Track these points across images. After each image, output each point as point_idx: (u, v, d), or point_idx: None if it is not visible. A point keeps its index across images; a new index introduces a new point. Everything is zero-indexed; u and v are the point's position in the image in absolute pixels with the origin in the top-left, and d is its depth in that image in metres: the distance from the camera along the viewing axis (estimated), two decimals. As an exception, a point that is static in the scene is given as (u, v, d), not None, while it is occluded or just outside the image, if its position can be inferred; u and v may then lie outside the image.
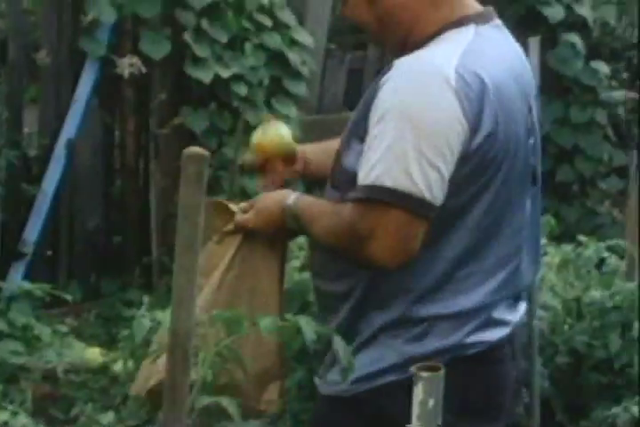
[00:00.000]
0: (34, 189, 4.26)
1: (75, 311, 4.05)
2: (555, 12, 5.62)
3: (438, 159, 1.81)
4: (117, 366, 2.96)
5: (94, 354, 3.26)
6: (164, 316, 1.64)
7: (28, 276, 4.07)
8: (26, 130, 4.54)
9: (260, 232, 2.02)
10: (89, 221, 4.50)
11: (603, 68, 5.70)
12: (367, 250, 1.84)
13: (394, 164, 1.81)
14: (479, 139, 1.83)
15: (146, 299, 3.70)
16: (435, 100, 1.82)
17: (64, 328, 3.52)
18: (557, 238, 3.78)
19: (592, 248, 3.52)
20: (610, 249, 3.57)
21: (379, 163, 1.82)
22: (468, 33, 1.91)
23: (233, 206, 2.06)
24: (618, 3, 5.95)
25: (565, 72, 5.64)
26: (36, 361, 3.13)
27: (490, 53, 1.90)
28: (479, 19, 1.94)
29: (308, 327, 1.72)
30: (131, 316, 3.50)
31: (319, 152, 2.16)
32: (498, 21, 2.00)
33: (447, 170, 1.82)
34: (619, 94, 5.73)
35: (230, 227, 2.04)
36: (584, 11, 5.72)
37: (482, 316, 1.91)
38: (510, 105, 1.89)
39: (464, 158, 1.83)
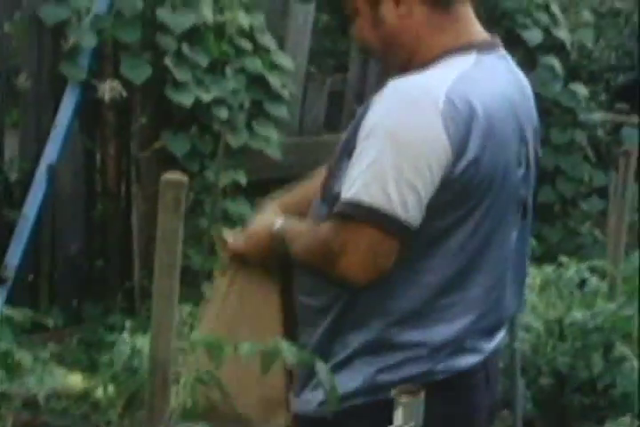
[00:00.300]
0: (15, 214, 4.24)
1: (57, 337, 4.03)
2: (533, 35, 5.67)
3: (417, 180, 1.81)
4: (99, 393, 2.95)
5: (76, 380, 3.24)
6: (144, 341, 1.63)
7: (9, 301, 4.05)
8: (7, 154, 4.53)
9: (252, 258, 2.02)
10: (70, 246, 4.48)
11: (581, 90, 5.75)
12: (338, 266, 1.85)
13: (372, 181, 1.82)
14: (463, 164, 1.83)
15: (128, 323, 3.68)
16: (420, 121, 1.83)
17: (45, 354, 3.48)
18: (539, 259, 3.79)
19: (573, 269, 3.53)
20: (591, 270, 3.58)
21: (358, 179, 1.84)
22: (468, 59, 1.93)
23: (228, 233, 2.07)
24: (595, 26, 6.01)
25: (545, 94, 5.68)
26: (17, 388, 3.11)
27: (486, 81, 1.91)
28: (483, 47, 1.96)
29: (289, 352, 1.71)
30: (113, 341, 3.48)
31: (292, 206, 2.16)
32: (503, 51, 2.01)
33: (426, 192, 1.82)
34: (598, 116, 5.78)
35: (226, 255, 2.04)
36: (562, 34, 5.78)
37: (456, 344, 1.91)
38: (501, 134, 1.89)
39: (447, 182, 1.84)
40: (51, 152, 4.30)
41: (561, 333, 3.31)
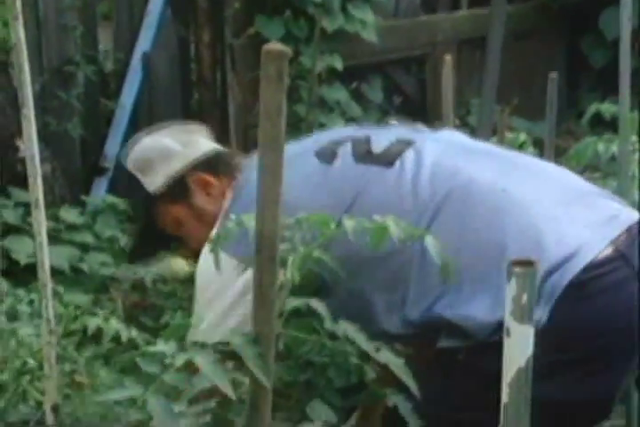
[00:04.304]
0: (112, 104, 4.26)
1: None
2: None
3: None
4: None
5: (180, 264, 3.27)
6: (249, 218, 1.61)
7: (110, 190, 4.10)
8: (101, 46, 4.52)
9: None
10: (169, 135, 4.50)
11: None
12: None
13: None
14: None
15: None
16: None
17: (149, 240, 3.53)
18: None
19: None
20: None
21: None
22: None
23: None
24: None
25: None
26: (125, 272, 3.17)
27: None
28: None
29: (396, 227, 1.68)
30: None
31: None
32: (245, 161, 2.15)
33: None
34: None
35: None
36: None
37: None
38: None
39: None
40: (145, 40, 4.28)
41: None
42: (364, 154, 1.98)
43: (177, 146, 2.18)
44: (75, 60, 4.04)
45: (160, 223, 2.16)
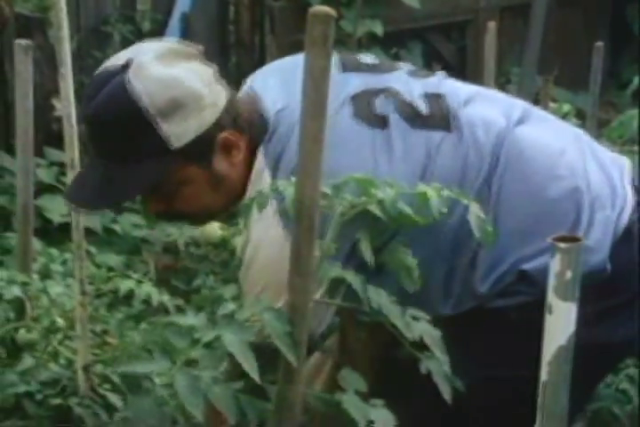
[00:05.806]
0: (150, 65, 4.23)
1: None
2: None
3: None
4: (237, 240, 2.97)
5: (213, 228, 3.26)
6: (288, 185, 1.59)
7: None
8: (139, 6, 4.49)
9: None
10: (205, 97, 4.47)
11: None
12: None
13: None
14: None
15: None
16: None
17: (183, 203, 3.53)
18: None
19: None
20: None
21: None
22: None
23: None
24: None
25: None
26: (157, 234, 3.17)
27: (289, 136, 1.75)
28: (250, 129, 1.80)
29: (437, 197, 1.65)
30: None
31: None
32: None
33: None
34: None
35: None
36: None
37: None
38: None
39: None
40: (183, 0, 4.25)
41: None
42: (413, 117, 1.79)
43: (203, 88, 1.75)
44: (112, 20, 4.02)
45: (161, 180, 1.73)
